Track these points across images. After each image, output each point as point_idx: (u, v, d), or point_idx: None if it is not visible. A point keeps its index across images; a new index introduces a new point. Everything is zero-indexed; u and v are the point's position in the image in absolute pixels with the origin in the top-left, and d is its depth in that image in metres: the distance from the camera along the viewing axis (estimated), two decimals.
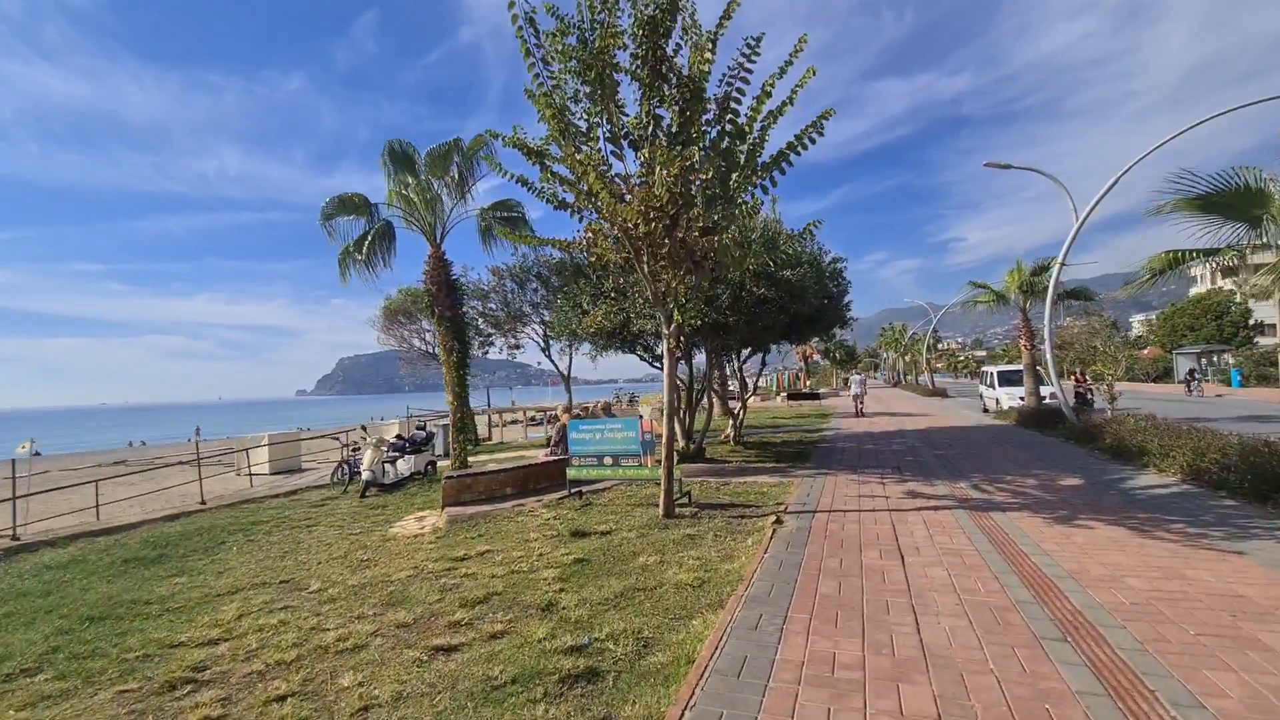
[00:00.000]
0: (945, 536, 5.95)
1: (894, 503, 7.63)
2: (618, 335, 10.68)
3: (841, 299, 12.87)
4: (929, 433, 16.16)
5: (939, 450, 12.52)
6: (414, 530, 7.99)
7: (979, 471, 9.74)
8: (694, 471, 10.86)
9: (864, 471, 10.21)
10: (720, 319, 9.55)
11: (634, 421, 8.11)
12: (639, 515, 7.61)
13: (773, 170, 6.80)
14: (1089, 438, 12.23)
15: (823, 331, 13.83)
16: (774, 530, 6.45)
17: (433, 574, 5.82)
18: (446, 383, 12.24)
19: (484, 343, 18.44)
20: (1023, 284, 17.74)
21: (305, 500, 11.55)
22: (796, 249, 9.95)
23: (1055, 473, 9.36)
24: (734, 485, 9.34)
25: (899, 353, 61.64)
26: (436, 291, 12.12)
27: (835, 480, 9.43)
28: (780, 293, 9.62)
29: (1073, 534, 5.87)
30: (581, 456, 8.45)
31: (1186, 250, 7.96)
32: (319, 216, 11.33)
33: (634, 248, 7.15)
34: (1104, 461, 10.25)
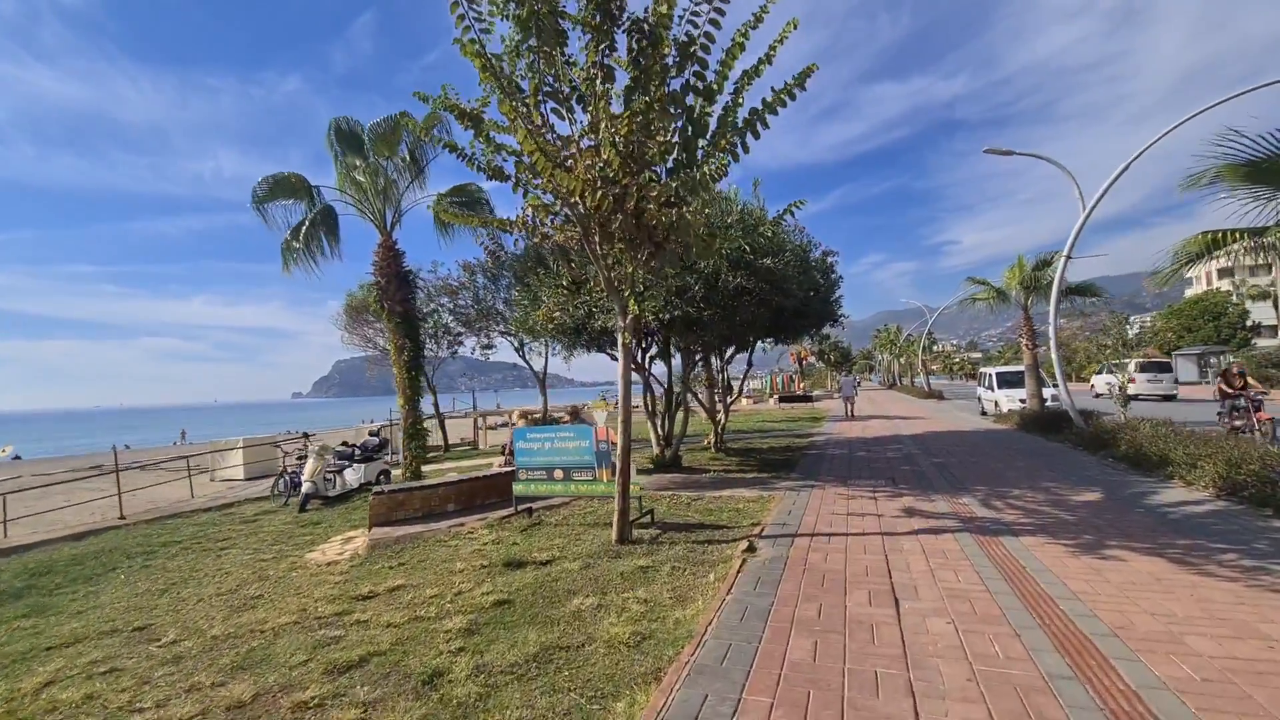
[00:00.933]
0: (949, 571, 4.88)
1: (887, 523, 6.57)
2: (580, 332, 9.60)
3: (831, 293, 11.81)
4: (925, 438, 15.12)
5: (937, 458, 11.47)
6: (333, 556, 6.88)
7: (982, 483, 8.69)
8: (666, 483, 9.78)
9: (855, 483, 9.15)
10: (692, 312, 8.49)
11: (587, 430, 7.02)
12: (590, 539, 6.52)
13: (745, 134, 5.73)
14: (1100, 444, 11.20)
15: (811, 328, 12.80)
16: (743, 561, 5.37)
17: (318, 620, 4.72)
18: (397, 384, 11.14)
19: (453, 343, 17.34)
20: (1024, 280, 16.74)
21: (238, 515, 10.42)
22: (777, 233, 8.90)
23: (1068, 485, 8.31)
24: (707, 500, 8.26)
25: (894, 354, 60.75)
26: (386, 284, 11.02)
27: (822, 494, 8.36)
28: (760, 283, 8.56)
29: (1104, 568, 4.81)
30: (529, 469, 7.35)
31: (1228, 230, 6.95)
32: (251, 199, 10.22)
33: (582, 225, 6.09)
34: (1121, 472, 9.21)
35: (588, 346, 10.73)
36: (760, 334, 10.99)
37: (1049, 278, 16.57)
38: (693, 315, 8.51)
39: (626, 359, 6.38)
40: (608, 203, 5.60)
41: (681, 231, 5.81)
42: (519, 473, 7.43)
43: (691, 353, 11.60)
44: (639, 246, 6.16)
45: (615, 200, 5.65)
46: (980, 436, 14.89)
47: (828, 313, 12.61)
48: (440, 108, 6.16)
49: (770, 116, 5.68)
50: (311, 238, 10.64)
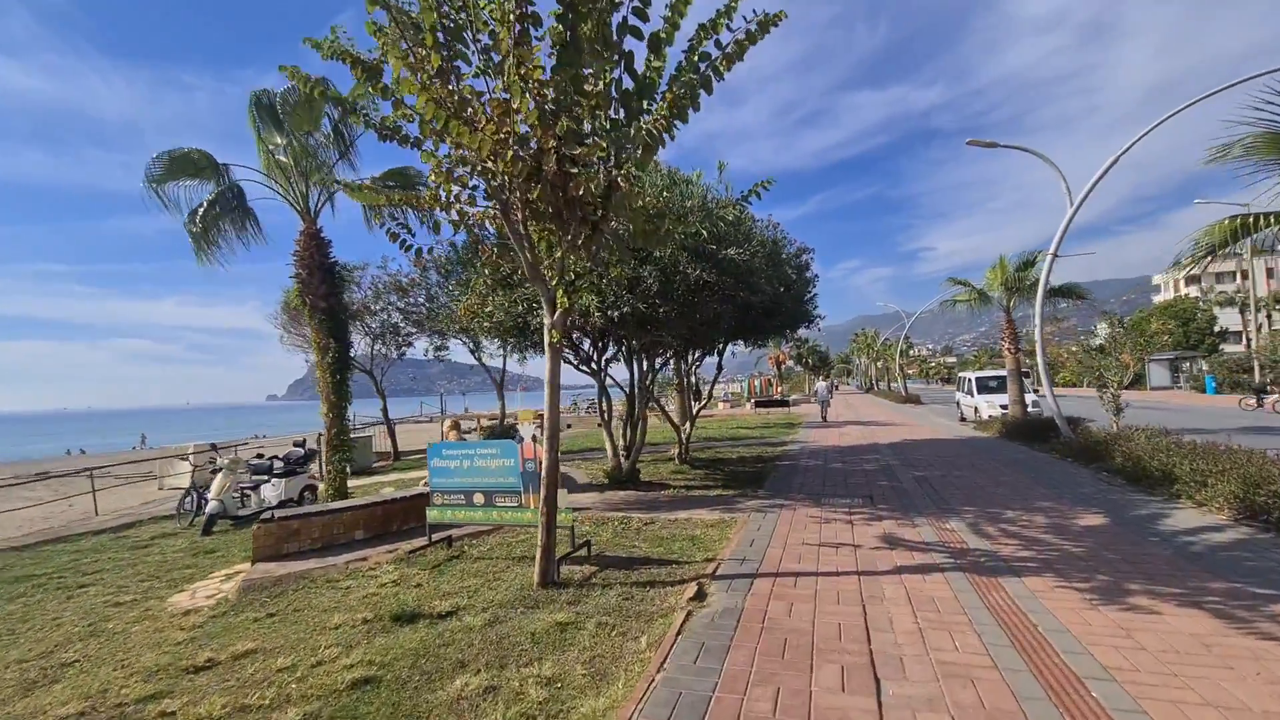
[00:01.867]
0: (943, 633, 3.85)
1: (865, 557, 5.54)
2: (523, 331, 8.47)
3: (805, 291, 10.83)
4: (904, 447, 14.24)
5: (918, 470, 10.55)
6: (200, 599, 5.65)
7: (970, 503, 7.74)
8: (618, 502, 8.68)
9: (829, 502, 8.14)
10: (645, 309, 7.42)
11: (512, 446, 5.89)
12: (510, 579, 5.39)
13: (696, 89, 4.66)
14: (1091, 456, 10.38)
15: (784, 330, 11.81)
16: (688, 615, 4.29)
17: (114, 711, 3.53)
18: (320, 389, 9.88)
19: (402, 343, 16.04)
20: (1007, 281, 16.00)
21: (131, 539, 9.05)
22: (742, 219, 7.88)
23: (1066, 505, 7.39)
24: (660, 524, 7.17)
25: (871, 359, 60.48)
26: (308, 276, 9.76)
27: (791, 516, 7.33)
28: (723, 276, 7.53)
29: (1134, 626, 3.82)
30: (445, 492, 6.19)
31: (1261, 214, 6.06)
32: (144, 178, 8.87)
33: (496, 197, 4.98)
34: (1120, 489, 8.34)
35: (536, 347, 9.60)
36: (725, 335, 9.93)
37: (1031, 278, 15.87)
38: (646, 312, 7.44)
39: (554, 362, 5.27)
40: (521, 165, 4.49)
41: (617, 207, 4.72)
42: (433, 497, 6.26)
43: (651, 355, 10.53)
44: (568, 225, 5.07)
45: (533, 162, 4.55)
46: (962, 446, 14.05)
47: (802, 313, 11.63)
48: (329, 56, 5.00)
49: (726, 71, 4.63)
50: (214, 222, 9.32)
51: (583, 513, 7.98)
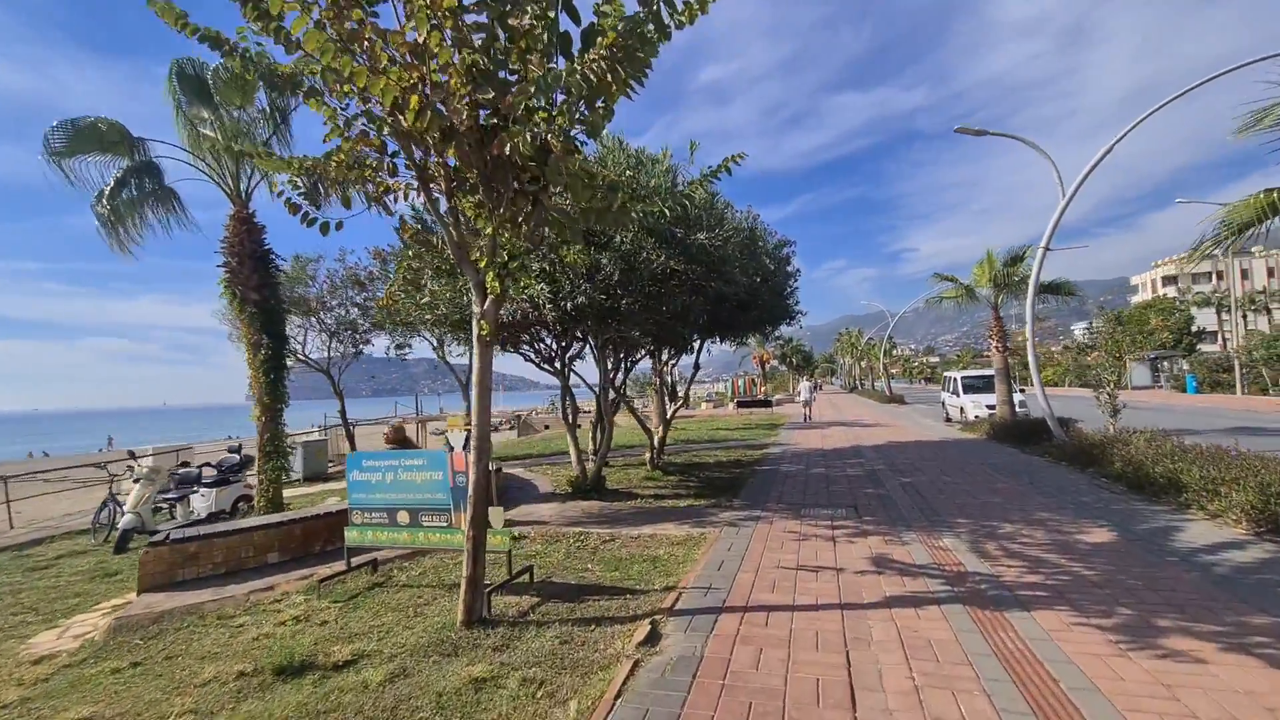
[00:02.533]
0: (944, 693, 3.10)
1: (850, 584, 4.79)
2: (468, 325, 7.60)
3: (785, 284, 10.10)
4: (890, 449, 13.59)
5: (905, 476, 9.87)
6: (69, 640, 4.77)
7: (964, 514, 7.05)
8: (578, 514, 7.87)
9: (809, 513, 7.41)
10: (605, 300, 6.63)
11: (440, 457, 5.05)
12: (433, 616, 4.56)
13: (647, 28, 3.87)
14: (1087, 460, 9.77)
15: (762, 325, 11.08)
16: (634, 665, 3.50)
17: None
18: (253, 390, 8.95)
19: (359, 341, 15.04)
20: (995, 276, 15.43)
21: (33, 558, 8.07)
22: (709, 199, 7.12)
23: (1067, 517, 6.72)
24: (620, 543, 6.38)
25: (856, 358, 60.27)
26: (238, 265, 8.82)
27: (768, 531, 6.58)
28: (692, 264, 6.76)
29: (1177, 681, 3.10)
30: (366, 510, 5.33)
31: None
32: (42, 149, 7.84)
33: (409, 158, 4.16)
34: (1122, 496, 7.71)
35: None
36: (698, 330, 9.12)
37: (1020, 274, 15.34)
38: (606, 304, 6.65)
39: (484, 359, 4.46)
40: (432, 117, 3.67)
41: (553, 173, 3.91)
42: (352, 515, 5.40)
43: (619, 353, 9.74)
44: (500, 197, 4.26)
45: (450, 117, 3.73)
46: (949, 448, 13.43)
47: (781, 308, 10.91)
48: None
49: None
50: (131, 205, 8.34)
51: (537, 528, 7.17)
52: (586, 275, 6.54)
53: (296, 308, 14.77)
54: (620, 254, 6.57)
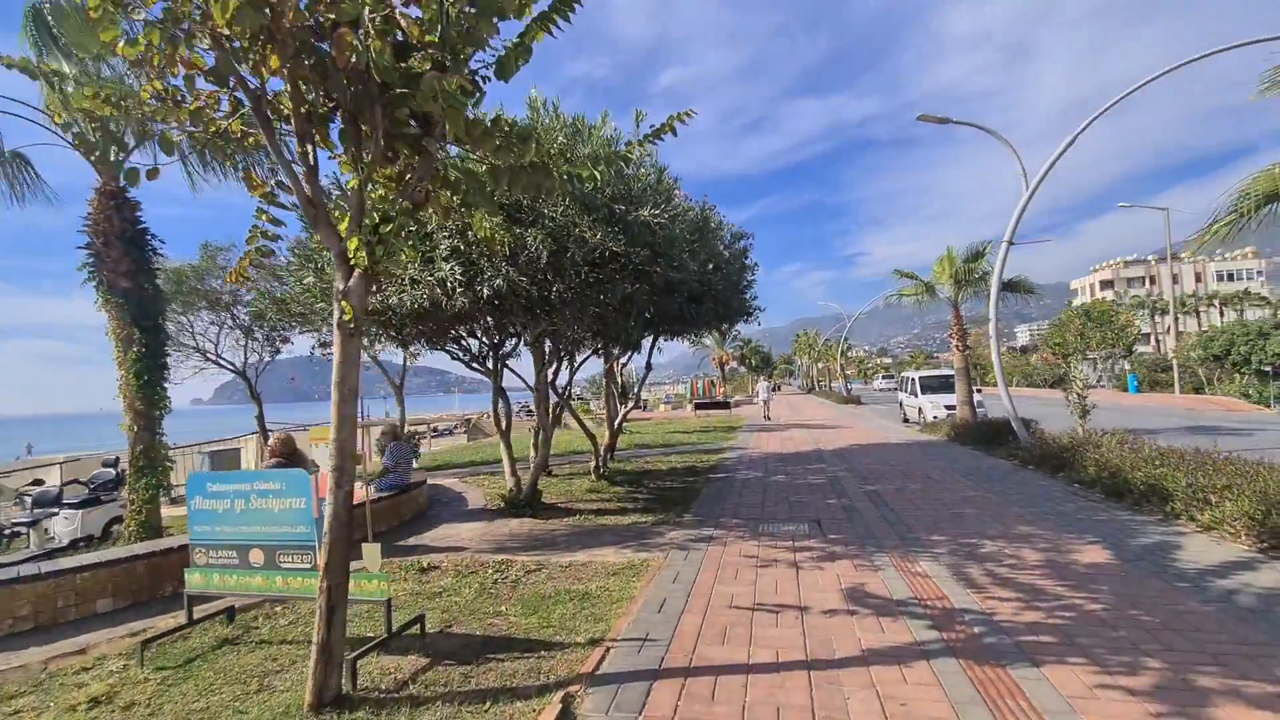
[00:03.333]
0: None
1: (818, 630, 3.89)
2: (381, 317, 6.47)
3: (742, 277, 9.25)
4: (851, 453, 12.94)
5: (869, 483, 9.14)
6: None
7: (939, 529, 6.29)
8: (505, 536, 6.80)
9: (768, 530, 6.54)
10: (532, 287, 5.61)
11: (301, 479, 3.93)
12: (279, 694, 3.45)
13: None
14: (1057, 464, 9.24)
15: (719, 322, 10.19)
16: None
17: None
18: (122, 394, 7.58)
19: (278, 340, 13.46)
20: (956, 273, 15.01)
21: None
22: (660, 178, 6.20)
23: (1051, 531, 6.04)
24: (547, 574, 5.36)
25: (813, 359, 60.59)
26: (103, 247, 7.42)
27: (721, 554, 5.67)
28: (634, 245, 5.80)
29: None
30: (211, 547, 4.16)
31: None
32: None
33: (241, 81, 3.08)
34: (1102, 506, 7.11)
35: (395, 339, 7.60)
36: (643, 324, 8.08)
37: (980, 271, 14.96)
38: (531, 290, 5.62)
39: (346, 351, 3.38)
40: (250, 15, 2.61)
41: (424, 99, 2.88)
42: (195, 553, 4.23)
43: (559, 350, 8.70)
44: (367, 138, 3.21)
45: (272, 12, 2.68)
46: (911, 451, 12.85)
47: (738, 303, 10.06)
48: None
49: None
50: None
51: (452, 556, 6.08)
52: (510, 256, 5.50)
53: (206, 301, 13.24)
54: (549, 232, 5.55)
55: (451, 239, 5.38)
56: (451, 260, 5.37)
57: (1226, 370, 32.41)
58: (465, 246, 5.51)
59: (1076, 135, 10.92)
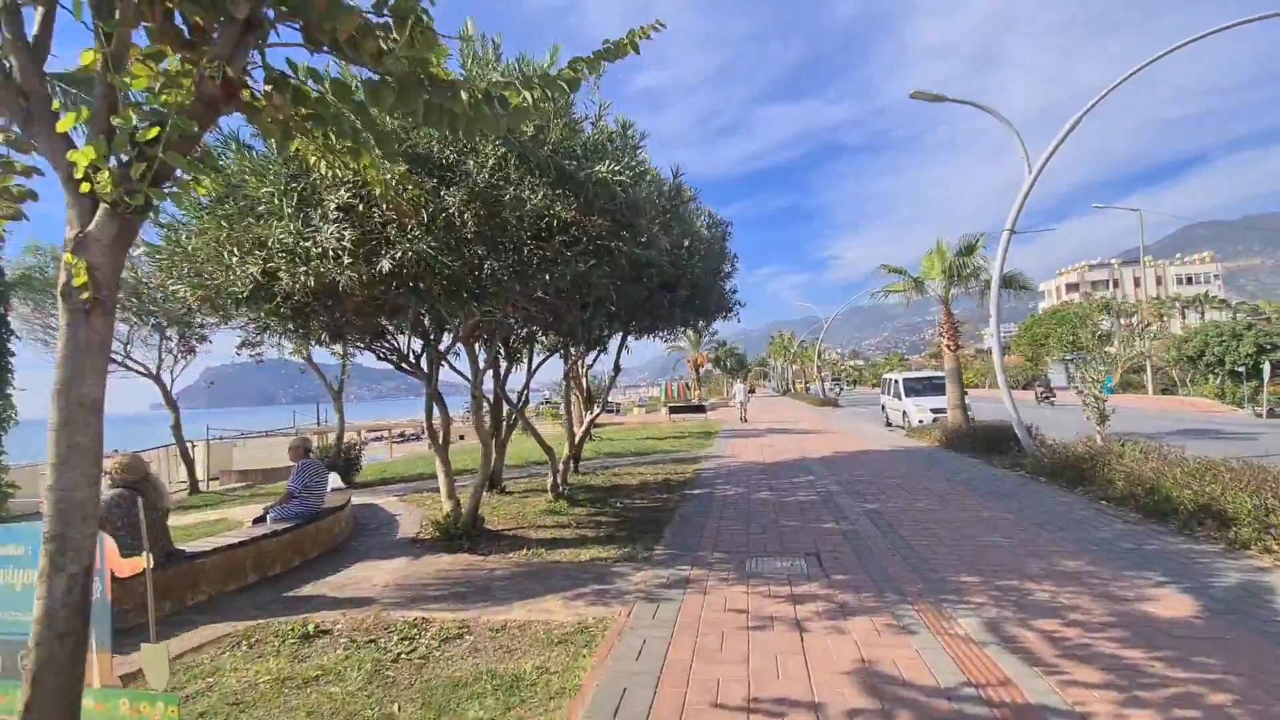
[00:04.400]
0: None
1: None
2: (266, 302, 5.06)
3: (721, 263, 8.03)
4: (839, 462, 11.83)
5: (868, 500, 7.99)
6: None
7: (966, 566, 5.13)
8: (428, 581, 5.42)
9: (757, 569, 5.30)
10: (455, 261, 4.27)
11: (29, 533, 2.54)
12: None
13: None
14: (1074, 476, 8.23)
15: (696, 316, 8.91)
16: None
17: None
18: None
19: (193, 336, 11.66)
20: (947, 268, 14.04)
21: None
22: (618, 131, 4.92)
23: (1106, 569, 4.91)
24: (469, 645, 4.01)
25: (788, 361, 60.03)
26: None
27: (701, 609, 4.40)
28: (589, 211, 4.51)
29: None
30: None
31: None
32: None
33: None
34: (1146, 530, 6.04)
35: (298, 333, 6.17)
36: (603, 314, 6.58)
37: (973, 265, 14.02)
38: (451, 267, 4.29)
39: (76, 338, 2.02)
40: None
41: None
42: None
43: (508, 347, 7.36)
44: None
45: None
46: (904, 460, 11.79)
47: (718, 297, 8.86)
48: None
49: None
50: None
51: (352, 614, 4.68)
52: (425, 223, 4.16)
53: None
54: (476, 191, 4.23)
55: (341, 193, 4.01)
56: (341, 223, 4.00)
57: (1200, 371, 32.42)
58: (363, 207, 4.15)
59: (1080, 117, 10.04)
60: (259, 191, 4.29)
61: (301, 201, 4.25)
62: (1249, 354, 29.44)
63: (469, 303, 4.68)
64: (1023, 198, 10.42)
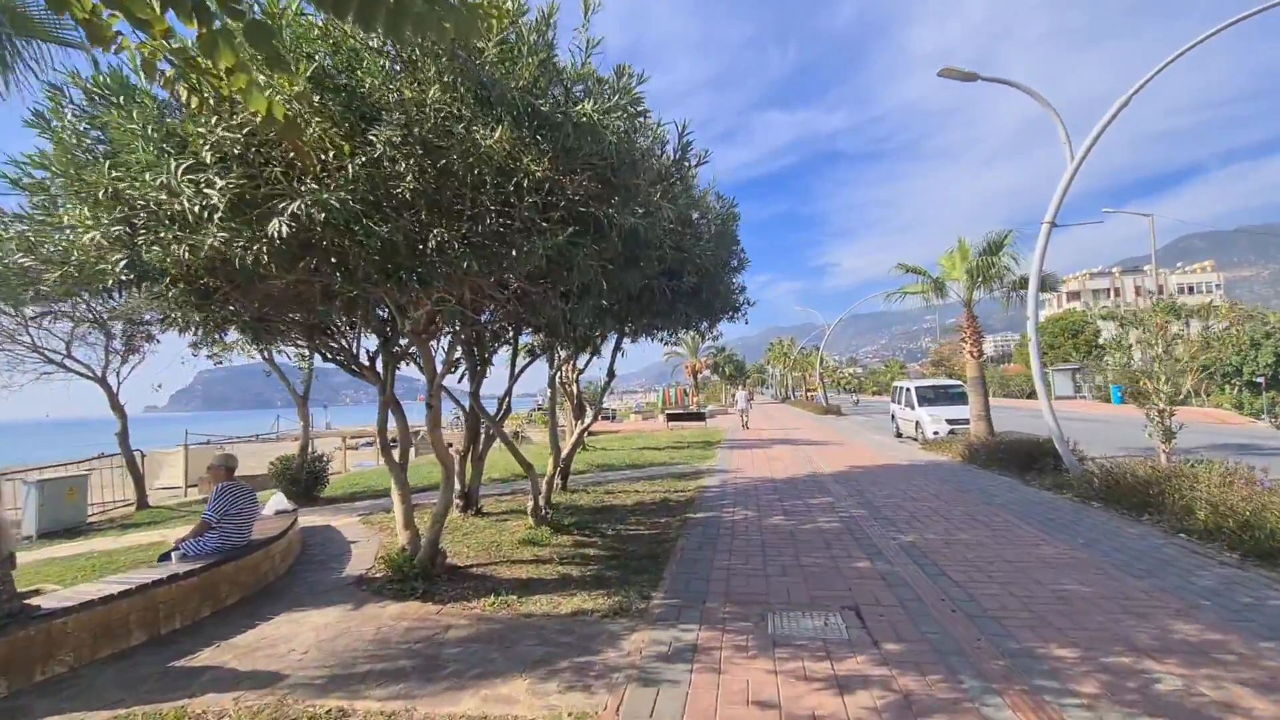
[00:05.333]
0: None
1: None
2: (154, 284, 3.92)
3: (730, 250, 6.91)
4: (856, 478, 10.69)
5: (901, 530, 6.85)
6: None
7: (1051, 630, 3.99)
8: (357, 647, 4.22)
9: (783, 630, 4.16)
10: (386, 225, 3.15)
11: None
12: None
13: None
14: (1135, 502, 7.14)
15: (698, 317, 7.76)
16: None
17: None
18: None
19: (137, 334, 10.42)
20: (970, 268, 12.93)
21: None
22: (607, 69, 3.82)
23: (1236, 636, 3.78)
24: None
25: (788, 368, 58.94)
26: None
27: (714, 696, 3.25)
28: (567, 166, 3.39)
29: None
30: None
31: None
32: None
33: None
34: (1259, 575, 4.91)
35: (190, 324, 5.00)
36: (591, 307, 5.36)
37: (1000, 265, 12.92)
38: (379, 231, 3.15)
39: None
40: None
41: None
42: None
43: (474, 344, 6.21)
44: None
45: None
46: (928, 477, 10.66)
47: (725, 291, 7.75)
48: None
49: None
50: None
51: (249, 700, 3.51)
52: (342, 167, 3.02)
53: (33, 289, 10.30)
54: (412, 130, 3.10)
55: (219, 129, 2.87)
56: (211, 169, 2.86)
57: (1216, 381, 31.41)
58: (256, 153, 3.01)
59: (1129, 97, 9.01)
60: (121, 133, 3.15)
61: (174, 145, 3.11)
62: (1268, 364, 28.48)
63: (411, 285, 3.55)
64: (1064, 187, 9.35)
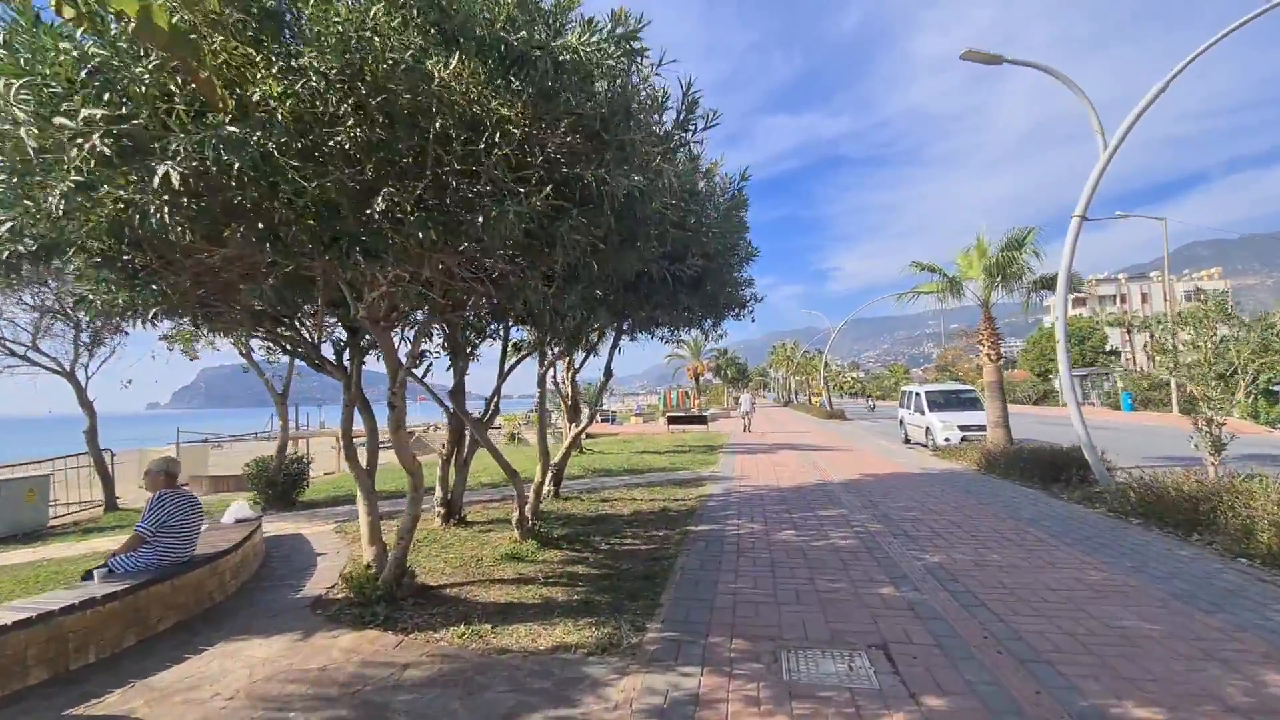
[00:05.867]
0: None
1: None
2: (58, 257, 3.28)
3: (738, 238, 6.27)
4: (868, 488, 10.03)
5: (924, 549, 6.20)
6: None
7: (1119, 679, 3.33)
8: (289, 696, 3.59)
9: (800, 675, 3.50)
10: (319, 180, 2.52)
11: None
12: None
13: None
14: (1182, 521, 6.47)
15: (703, 312, 7.11)
16: None
17: None
18: None
19: (109, 328, 9.85)
20: (988, 266, 12.26)
21: None
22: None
23: None
24: None
25: (791, 371, 58.26)
26: None
27: None
28: (545, 110, 2.77)
29: None
30: None
31: None
32: None
33: None
34: None
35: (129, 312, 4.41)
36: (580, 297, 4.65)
37: (1019, 263, 12.26)
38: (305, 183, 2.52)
39: None
40: None
41: None
42: None
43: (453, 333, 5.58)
44: None
45: None
46: (945, 488, 9.98)
47: (732, 284, 7.11)
48: None
49: None
50: None
51: None
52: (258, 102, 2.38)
53: None
54: (348, 56, 2.47)
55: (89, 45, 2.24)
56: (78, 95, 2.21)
57: (1229, 389, 30.68)
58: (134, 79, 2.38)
59: (1167, 82, 8.37)
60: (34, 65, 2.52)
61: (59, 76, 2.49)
62: None
63: (354, 256, 2.91)
64: (1096, 178, 8.71)
